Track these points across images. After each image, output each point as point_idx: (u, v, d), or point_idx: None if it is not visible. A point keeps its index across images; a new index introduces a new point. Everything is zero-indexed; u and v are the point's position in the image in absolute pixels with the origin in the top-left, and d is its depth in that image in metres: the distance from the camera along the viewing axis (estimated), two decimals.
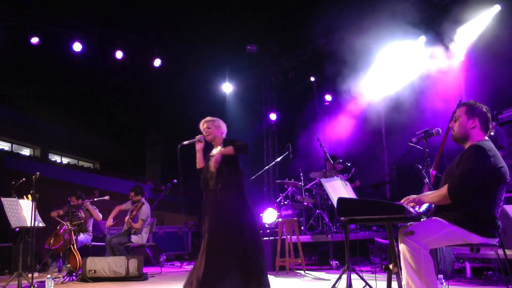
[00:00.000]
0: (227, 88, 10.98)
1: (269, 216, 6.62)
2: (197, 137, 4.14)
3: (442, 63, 7.34)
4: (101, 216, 7.02)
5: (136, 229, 6.29)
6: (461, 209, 2.52)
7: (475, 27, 7.11)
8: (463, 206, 2.52)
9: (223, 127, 4.25)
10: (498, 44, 6.43)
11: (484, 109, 2.73)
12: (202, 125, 4.23)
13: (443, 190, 2.55)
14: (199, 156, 4.17)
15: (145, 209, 6.40)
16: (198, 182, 4.12)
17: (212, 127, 4.16)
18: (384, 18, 7.91)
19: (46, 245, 6.54)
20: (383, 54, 8.13)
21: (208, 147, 4.25)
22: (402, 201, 2.66)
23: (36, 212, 4.55)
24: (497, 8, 6.84)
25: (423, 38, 7.82)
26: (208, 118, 4.23)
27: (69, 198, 6.88)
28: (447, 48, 7.35)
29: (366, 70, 8.45)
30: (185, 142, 4.07)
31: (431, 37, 7.57)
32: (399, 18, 7.60)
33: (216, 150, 4.15)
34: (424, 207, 3.67)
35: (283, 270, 5.80)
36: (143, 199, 6.53)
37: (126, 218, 6.31)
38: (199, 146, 4.16)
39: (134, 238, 6.26)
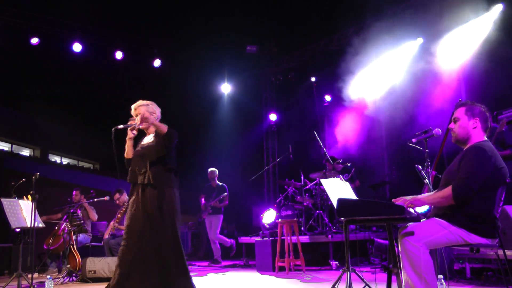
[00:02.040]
0: (226, 88, 11.01)
1: (269, 216, 6.62)
2: (132, 122, 3.64)
3: (442, 63, 7.34)
4: (96, 216, 7.01)
5: None
6: (461, 209, 2.51)
7: (476, 26, 7.11)
8: (464, 207, 2.51)
9: (158, 112, 3.75)
10: (499, 44, 6.42)
11: (483, 109, 2.73)
12: (134, 111, 3.68)
13: (447, 192, 2.51)
14: (129, 145, 3.69)
15: None
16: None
17: (145, 113, 3.60)
18: (385, 19, 7.91)
19: (45, 245, 6.54)
20: (383, 54, 8.13)
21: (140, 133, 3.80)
22: (399, 201, 2.60)
23: (36, 212, 4.55)
24: (499, 7, 6.83)
25: (423, 38, 7.82)
26: (140, 102, 3.70)
27: (74, 192, 6.87)
28: (447, 48, 7.35)
29: (366, 70, 8.45)
30: (120, 126, 3.59)
31: (432, 37, 7.56)
32: (399, 18, 7.60)
33: (148, 139, 3.72)
34: (424, 208, 3.67)
35: (283, 271, 5.79)
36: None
37: (111, 223, 6.26)
38: (131, 134, 3.67)
39: None
